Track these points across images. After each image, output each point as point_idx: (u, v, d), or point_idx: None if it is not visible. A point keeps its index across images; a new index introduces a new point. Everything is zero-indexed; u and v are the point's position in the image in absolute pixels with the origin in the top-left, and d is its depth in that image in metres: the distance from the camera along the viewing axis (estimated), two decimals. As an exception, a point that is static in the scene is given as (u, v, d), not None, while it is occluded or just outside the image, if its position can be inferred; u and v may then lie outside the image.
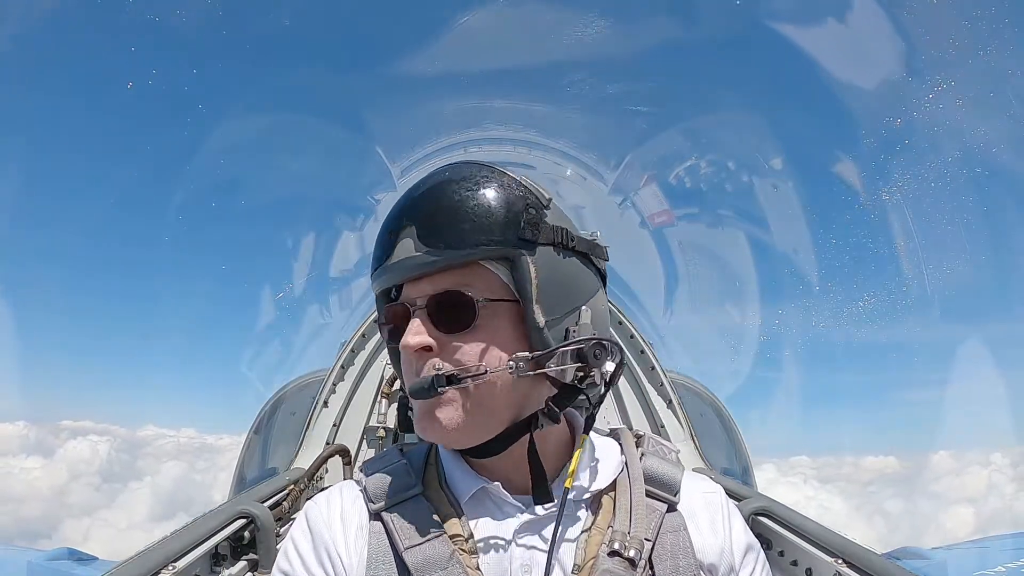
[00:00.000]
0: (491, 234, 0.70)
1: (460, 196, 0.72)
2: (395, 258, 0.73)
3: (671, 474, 0.80)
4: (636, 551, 0.70)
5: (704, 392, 3.56)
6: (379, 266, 0.76)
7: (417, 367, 0.72)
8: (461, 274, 0.72)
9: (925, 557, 3.02)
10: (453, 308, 0.71)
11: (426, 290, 0.72)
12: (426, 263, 0.71)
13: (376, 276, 0.77)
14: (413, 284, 0.74)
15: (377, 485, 0.77)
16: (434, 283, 0.72)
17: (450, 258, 0.70)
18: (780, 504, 2.06)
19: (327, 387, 3.11)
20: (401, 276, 0.74)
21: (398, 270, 0.73)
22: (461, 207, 0.71)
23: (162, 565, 1.46)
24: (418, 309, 0.72)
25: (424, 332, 0.71)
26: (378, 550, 0.72)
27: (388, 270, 0.74)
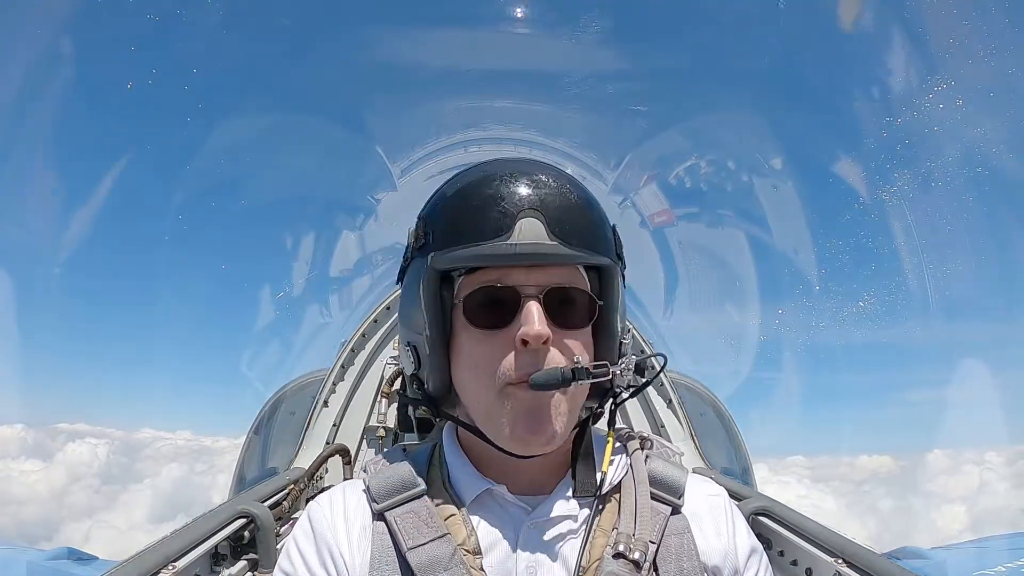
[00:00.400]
0: (605, 243, 0.74)
1: (585, 198, 0.73)
2: (522, 239, 0.68)
3: (675, 477, 0.80)
4: (641, 553, 0.70)
5: (704, 392, 3.56)
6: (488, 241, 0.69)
7: (535, 359, 0.68)
8: (570, 273, 0.73)
9: (925, 557, 3.02)
10: (570, 304, 0.71)
11: (540, 281, 0.70)
12: (563, 255, 0.70)
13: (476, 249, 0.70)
14: (524, 272, 0.70)
15: (381, 485, 0.77)
16: (548, 276, 0.71)
17: (584, 257, 0.71)
18: (780, 504, 2.06)
19: (327, 387, 3.11)
20: (531, 260, 0.70)
21: (528, 252, 0.69)
22: (590, 210, 0.73)
23: (162, 565, 1.46)
24: (530, 298, 0.69)
25: (546, 323, 0.68)
26: (381, 550, 0.72)
27: (511, 249, 0.68)
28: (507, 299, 0.70)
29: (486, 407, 0.72)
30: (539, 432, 0.69)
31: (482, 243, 0.69)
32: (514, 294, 0.70)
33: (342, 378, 3.17)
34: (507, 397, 0.69)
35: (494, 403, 0.70)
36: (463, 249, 0.70)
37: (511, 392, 0.69)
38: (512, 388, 0.69)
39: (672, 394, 3.09)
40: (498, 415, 0.70)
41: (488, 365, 0.70)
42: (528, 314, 0.68)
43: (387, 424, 3.07)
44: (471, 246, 0.70)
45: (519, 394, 0.69)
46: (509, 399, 0.69)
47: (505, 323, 0.69)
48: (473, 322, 0.71)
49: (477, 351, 0.71)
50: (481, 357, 0.71)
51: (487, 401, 0.71)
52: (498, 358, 0.70)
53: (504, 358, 0.69)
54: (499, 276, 0.71)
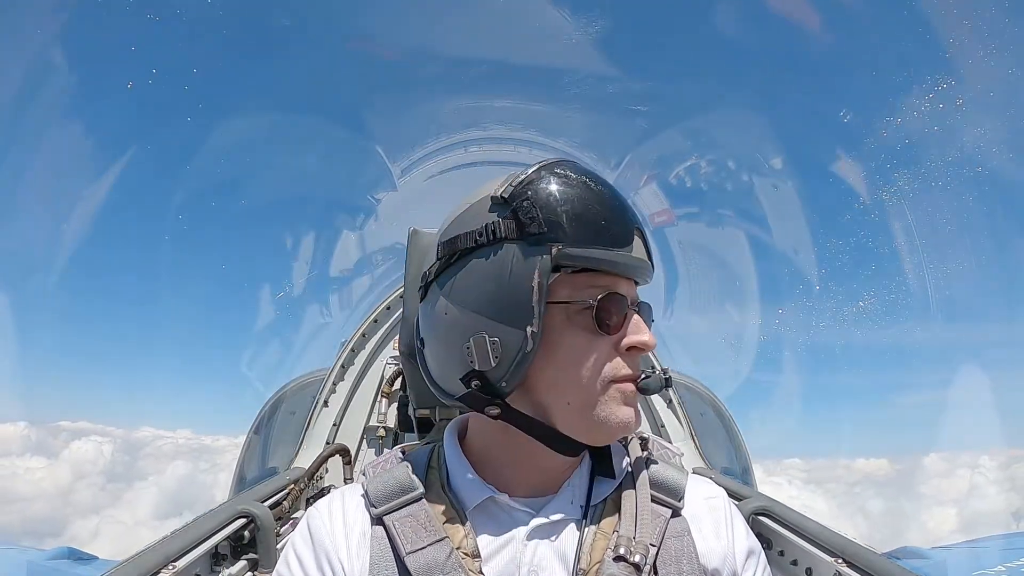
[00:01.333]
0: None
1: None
2: (635, 253, 0.75)
3: (676, 479, 0.80)
4: (641, 556, 0.70)
5: (704, 392, 3.56)
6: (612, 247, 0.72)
7: (635, 364, 0.75)
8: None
9: (925, 557, 3.02)
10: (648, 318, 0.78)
11: (632, 294, 0.77)
12: (651, 274, 0.79)
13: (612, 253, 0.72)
14: (628, 284, 0.76)
15: (379, 489, 0.76)
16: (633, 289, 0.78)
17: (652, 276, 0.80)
18: (780, 504, 2.06)
19: (327, 387, 3.11)
20: (636, 273, 0.77)
21: (637, 267, 0.75)
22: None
23: (162, 565, 1.46)
24: (631, 309, 0.75)
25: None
26: (380, 555, 0.72)
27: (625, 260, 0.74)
28: (624, 307, 0.74)
29: (583, 404, 0.73)
30: (638, 420, 0.77)
31: (615, 249, 0.72)
32: (626, 304, 0.75)
33: (342, 378, 3.17)
34: (614, 393, 0.74)
35: (599, 398, 0.73)
36: (598, 250, 0.71)
37: (618, 389, 0.74)
38: (617, 386, 0.74)
39: (672, 394, 3.09)
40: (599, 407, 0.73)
41: (597, 365, 0.73)
42: (638, 324, 0.74)
43: (387, 424, 3.06)
44: (607, 249, 0.72)
45: (624, 390, 0.74)
46: (617, 394, 0.74)
47: (616, 329, 0.74)
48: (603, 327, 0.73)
49: (587, 352, 0.73)
50: (591, 358, 0.73)
51: (585, 399, 0.73)
52: (604, 359, 0.73)
53: (610, 359, 0.73)
54: (609, 284, 0.74)
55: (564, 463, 0.78)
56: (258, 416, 3.48)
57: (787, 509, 2.01)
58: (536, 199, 0.72)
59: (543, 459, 0.76)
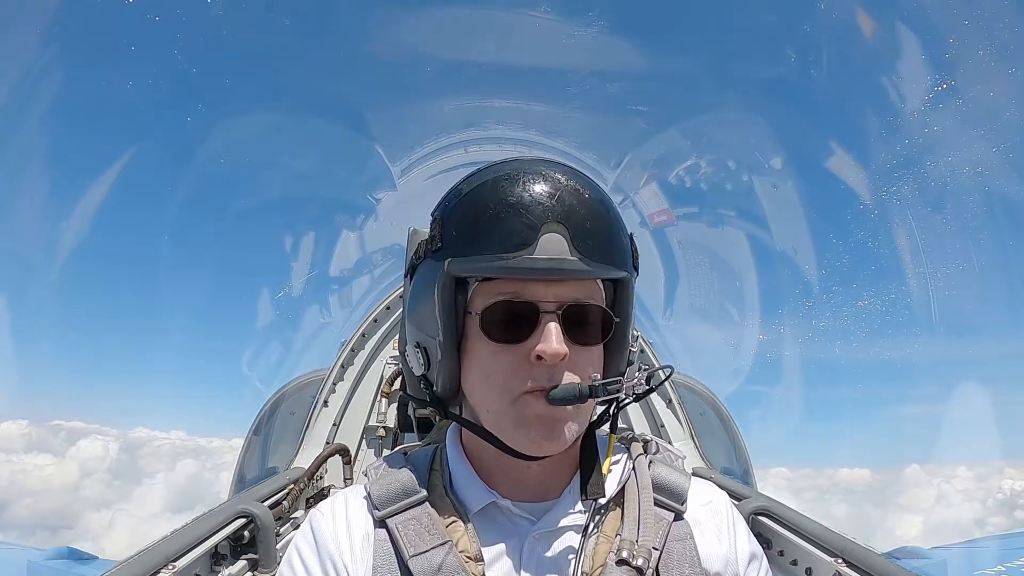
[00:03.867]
0: (623, 255, 0.73)
1: (607, 209, 0.72)
2: (545, 254, 0.67)
3: (679, 482, 0.79)
4: (644, 560, 0.70)
5: (704, 392, 3.56)
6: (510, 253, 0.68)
7: (551, 374, 0.69)
8: (589, 287, 0.72)
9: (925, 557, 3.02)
10: (587, 320, 0.71)
11: (561, 296, 0.69)
12: (583, 272, 0.69)
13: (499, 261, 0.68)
14: (545, 286, 0.69)
15: (382, 491, 0.76)
16: (569, 290, 0.70)
17: (605, 273, 0.71)
18: (780, 504, 2.06)
19: (327, 387, 3.11)
20: (552, 276, 0.68)
21: (546, 267, 0.68)
22: (611, 222, 0.72)
23: (162, 564, 1.46)
24: (548, 313, 0.69)
25: (563, 340, 0.68)
26: (383, 558, 0.72)
27: (533, 263, 0.67)
28: (526, 314, 0.69)
29: (498, 414, 0.72)
30: (553, 439, 0.69)
31: (505, 255, 0.68)
32: (533, 310, 0.69)
33: (342, 378, 3.17)
34: (523, 405, 0.69)
35: (509, 410, 0.70)
36: (484, 259, 0.69)
37: (527, 401, 0.69)
38: (527, 397, 0.69)
39: (672, 394, 3.09)
40: (511, 422, 0.70)
41: (503, 376, 0.70)
42: (547, 332, 0.67)
43: (387, 424, 3.07)
44: (492, 257, 0.68)
45: (535, 404, 0.69)
46: (525, 407, 0.69)
47: (522, 338, 0.69)
48: (490, 336, 0.71)
49: (492, 362, 0.71)
50: (496, 368, 0.71)
51: (500, 409, 0.71)
52: (513, 370, 0.70)
53: (521, 370, 0.69)
54: (518, 289, 0.70)
55: (561, 464, 0.78)
56: (258, 416, 3.48)
57: (787, 509, 2.01)
58: (444, 213, 0.75)
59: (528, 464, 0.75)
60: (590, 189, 0.72)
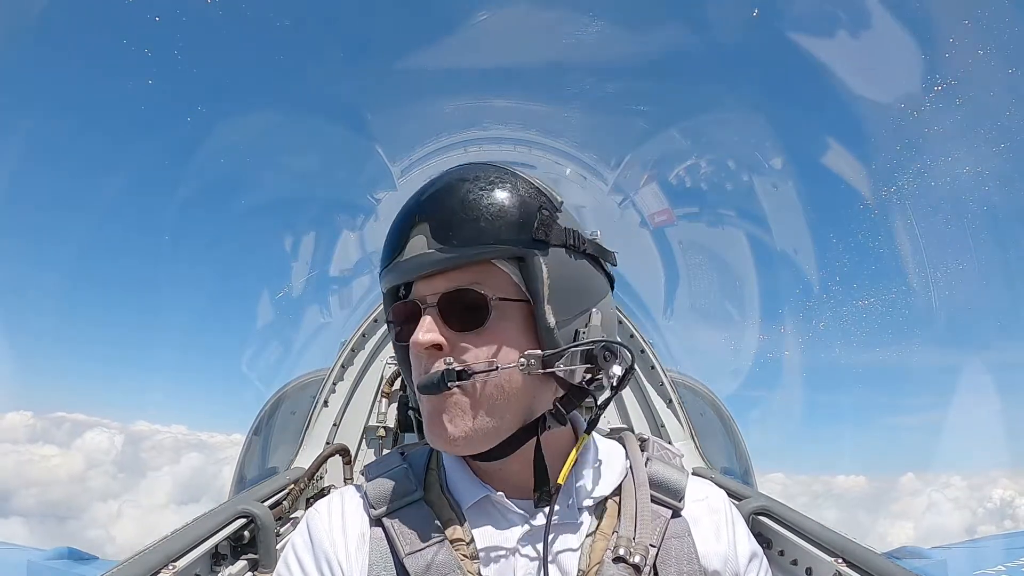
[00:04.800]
0: (505, 233, 0.71)
1: (475, 195, 0.71)
2: (407, 255, 0.72)
3: (676, 479, 0.79)
4: (641, 557, 0.70)
5: (704, 392, 3.57)
6: (389, 263, 0.74)
7: (427, 365, 0.71)
8: (473, 272, 0.72)
9: (925, 556, 3.02)
10: (465, 307, 0.71)
11: (438, 288, 0.72)
12: (439, 260, 0.70)
13: (385, 273, 0.75)
14: (425, 281, 0.73)
15: (378, 490, 0.77)
16: (447, 281, 0.71)
17: (464, 256, 0.70)
18: (780, 504, 2.06)
19: (327, 387, 3.11)
20: (413, 273, 0.72)
21: (410, 267, 0.72)
22: (476, 205, 0.71)
23: (162, 565, 1.47)
24: (429, 307, 0.71)
25: (435, 330, 0.70)
26: (379, 557, 0.72)
27: (399, 267, 0.73)
28: (411, 312, 0.74)
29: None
30: (439, 434, 0.72)
31: (387, 264, 0.75)
32: (415, 306, 0.73)
33: (342, 378, 3.18)
34: (422, 402, 0.74)
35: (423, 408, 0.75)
36: (382, 272, 0.77)
37: (421, 398, 0.74)
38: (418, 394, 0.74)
39: (672, 394, 3.10)
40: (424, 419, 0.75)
41: (410, 374, 0.76)
42: (420, 324, 0.71)
43: (387, 424, 3.07)
44: (384, 268, 0.76)
45: (423, 399, 0.73)
46: (423, 404, 0.74)
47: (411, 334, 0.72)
48: (394, 337, 0.78)
49: (409, 362, 0.76)
50: (406, 367, 0.78)
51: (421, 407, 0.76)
52: (412, 366, 0.75)
53: (416, 367, 0.74)
54: (408, 291, 0.76)
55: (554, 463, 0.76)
56: (258, 416, 3.48)
57: (787, 509, 2.01)
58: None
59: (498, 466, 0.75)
60: (464, 178, 0.73)
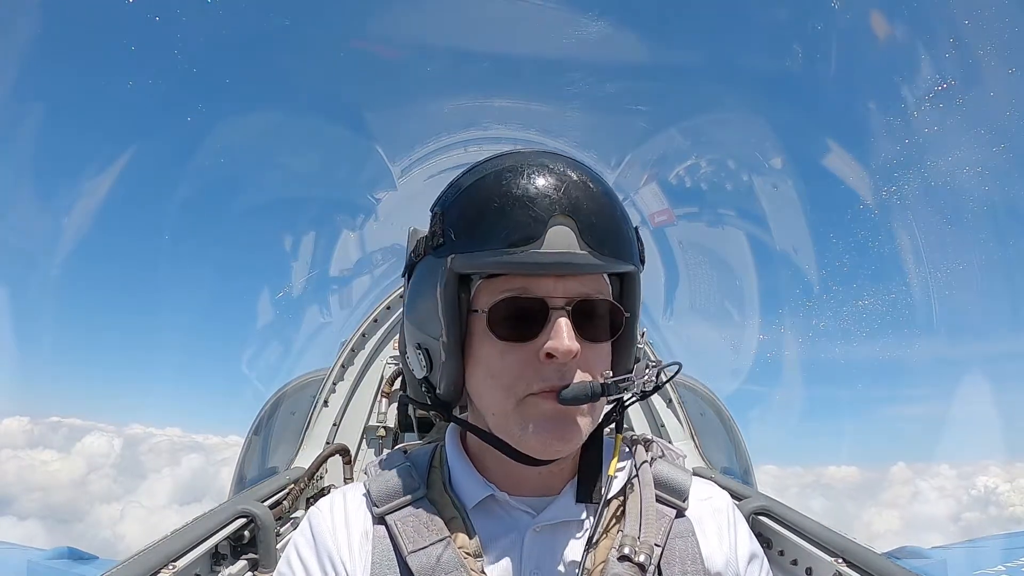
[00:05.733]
0: (631, 247, 0.71)
1: (612, 202, 0.70)
2: (553, 247, 0.65)
3: (680, 480, 0.79)
4: (646, 556, 0.69)
5: (704, 392, 3.56)
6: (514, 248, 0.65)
7: (561, 373, 0.67)
8: (598, 282, 0.70)
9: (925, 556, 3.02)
10: (596, 316, 0.69)
11: (571, 291, 0.67)
12: (592, 265, 0.66)
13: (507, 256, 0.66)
14: (556, 281, 0.67)
15: (381, 488, 0.76)
16: (582, 286, 0.68)
17: (612, 267, 0.69)
18: (780, 503, 2.06)
19: (327, 386, 3.10)
20: (562, 270, 0.66)
21: (559, 262, 0.65)
22: (617, 215, 0.70)
23: (162, 564, 1.46)
24: (560, 310, 0.67)
25: (575, 337, 0.66)
26: (382, 555, 0.72)
27: (542, 258, 0.65)
28: (535, 311, 0.67)
29: (505, 415, 0.70)
30: (566, 440, 0.68)
31: (511, 250, 0.65)
32: (542, 306, 0.67)
33: (342, 378, 3.17)
34: (531, 407, 0.67)
35: (514, 412, 0.68)
36: (489, 254, 0.66)
37: (535, 402, 0.67)
38: (535, 398, 0.67)
39: (672, 394, 3.09)
40: (518, 423, 0.68)
41: (511, 376, 0.68)
42: (558, 329, 0.65)
43: (387, 424, 3.07)
44: (498, 252, 0.66)
45: (543, 405, 0.67)
46: (533, 408, 0.67)
47: (532, 335, 0.67)
48: (498, 334, 0.68)
49: (500, 362, 0.69)
50: (504, 368, 0.69)
51: (507, 410, 0.69)
52: (522, 370, 0.67)
53: (529, 370, 0.67)
54: (525, 285, 0.67)
55: (561, 463, 0.77)
56: (258, 416, 3.48)
57: (787, 509, 2.00)
58: (444, 207, 0.72)
59: (539, 469, 0.75)
60: (596, 181, 0.70)
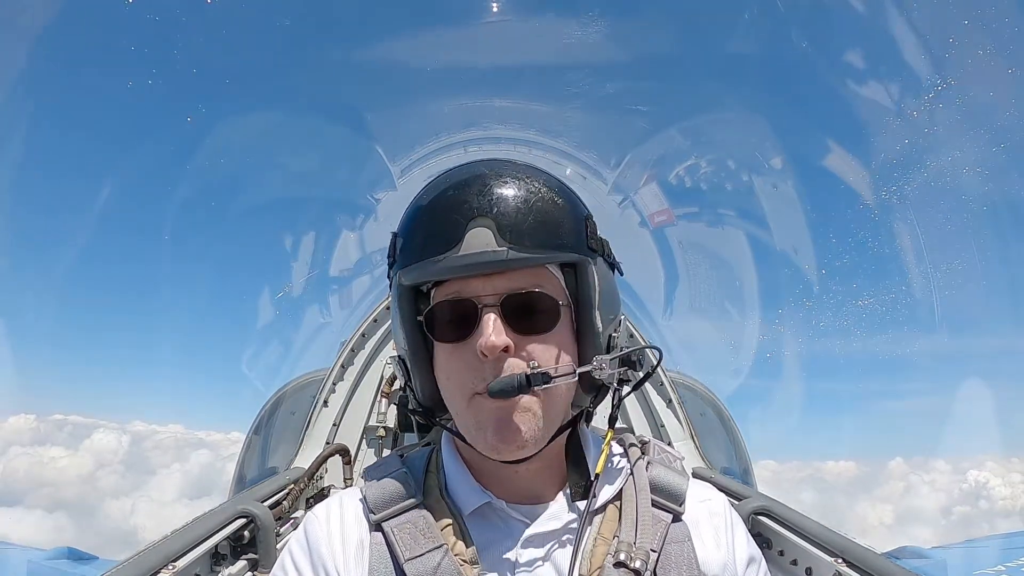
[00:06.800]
0: (568, 238, 0.71)
1: (538, 196, 0.71)
2: (471, 249, 0.68)
3: (677, 484, 0.79)
4: (642, 562, 0.69)
5: (704, 392, 3.56)
6: (436, 255, 0.69)
7: (495, 368, 0.69)
8: (532, 275, 0.71)
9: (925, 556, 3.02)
10: (532, 309, 0.70)
11: (499, 288, 0.69)
12: (512, 259, 0.68)
13: (426, 265, 0.71)
14: (482, 280, 0.70)
15: (378, 494, 0.76)
16: (509, 282, 0.70)
17: (533, 259, 0.69)
18: (780, 504, 2.06)
19: (327, 387, 3.11)
20: (474, 269, 0.69)
21: (476, 262, 0.68)
22: (545, 207, 0.70)
23: (162, 565, 1.47)
24: (489, 307, 0.69)
25: (503, 332, 0.68)
26: (379, 563, 0.72)
27: (453, 261, 0.68)
28: (466, 311, 0.70)
29: (461, 417, 0.73)
30: (509, 440, 0.69)
31: (436, 257, 0.69)
32: (472, 305, 0.70)
33: (342, 378, 3.18)
34: (476, 407, 0.71)
35: (466, 413, 0.72)
36: (418, 264, 0.71)
37: (479, 402, 0.70)
38: (479, 397, 0.70)
39: (672, 394, 3.09)
40: (472, 424, 0.71)
41: (458, 377, 0.72)
42: (484, 326, 0.68)
43: (387, 424, 3.07)
44: (425, 261, 0.70)
45: (485, 403, 0.70)
46: (479, 408, 0.70)
47: (467, 335, 0.70)
48: (437, 337, 0.73)
49: (447, 364, 0.73)
50: (451, 370, 0.72)
51: (461, 411, 0.73)
52: (465, 369, 0.70)
53: (471, 369, 0.70)
54: (459, 288, 0.71)
55: (555, 464, 0.77)
56: (258, 416, 3.48)
57: (787, 509, 2.01)
58: (398, 227, 0.78)
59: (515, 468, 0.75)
60: (525, 178, 0.72)
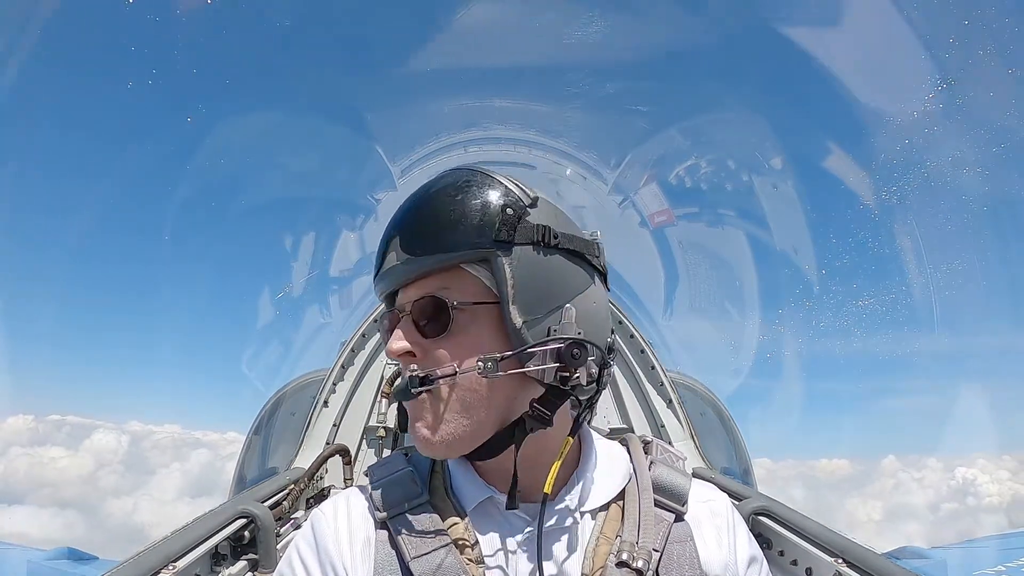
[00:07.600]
0: (465, 237, 0.71)
1: (438, 202, 0.74)
2: (384, 267, 0.76)
3: (680, 484, 0.79)
4: (644, 562, 0.70)
5: (704, 392, 3.57)
6: (376, 273, 0.79)
7: (405, 372, 0.75)
8: (441, 279, 0.73)
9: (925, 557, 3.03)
10: (433, 313, 0.73)
11: (411, 296, 0.75)
12: (405, 271, 0.73)
13: (374, 285, 0.80)
14: (403, 291, 0.76)
15: (383, 493, 0.77)
16: (418, 289, 0.74)
17: (425, 264, 0.72)
18: (780, 504, 2.06)
19: (327, 387, 3.11)
20: (388, 285, 0.76)
21: (385, 279, 0.76)
22: (437, 213, 0.73)
23: (162, 565, 1.47)
24: (404, 315, 0.75)
25: (403, 338, 0.73)
26: (385, 561, 0.72)
27: (379, 279, 0.77)
28: (392, 320, 0.78)
29: None
30: (419, 439, 0.75)
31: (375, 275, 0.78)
32: (395, 315, 0.77)
33: (342, 378, 3.18)
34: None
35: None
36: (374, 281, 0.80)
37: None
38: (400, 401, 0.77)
39: (672, 394, 3.10)
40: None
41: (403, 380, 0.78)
42: (394, 332, 0.75)
43: (387, 424, 3.07)
44: (374, 279, 0.79)
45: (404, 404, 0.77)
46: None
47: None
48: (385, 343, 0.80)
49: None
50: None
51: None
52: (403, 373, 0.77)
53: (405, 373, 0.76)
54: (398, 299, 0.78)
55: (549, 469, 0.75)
56: (258, 416, 3.48)
57: (787, 509, 2.01)
58: None
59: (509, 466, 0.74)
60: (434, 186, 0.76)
